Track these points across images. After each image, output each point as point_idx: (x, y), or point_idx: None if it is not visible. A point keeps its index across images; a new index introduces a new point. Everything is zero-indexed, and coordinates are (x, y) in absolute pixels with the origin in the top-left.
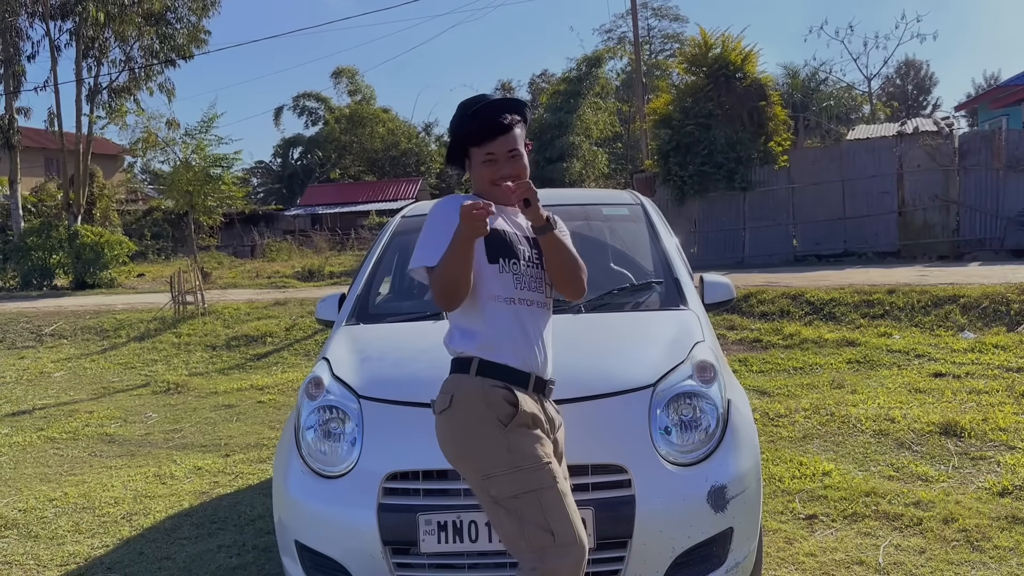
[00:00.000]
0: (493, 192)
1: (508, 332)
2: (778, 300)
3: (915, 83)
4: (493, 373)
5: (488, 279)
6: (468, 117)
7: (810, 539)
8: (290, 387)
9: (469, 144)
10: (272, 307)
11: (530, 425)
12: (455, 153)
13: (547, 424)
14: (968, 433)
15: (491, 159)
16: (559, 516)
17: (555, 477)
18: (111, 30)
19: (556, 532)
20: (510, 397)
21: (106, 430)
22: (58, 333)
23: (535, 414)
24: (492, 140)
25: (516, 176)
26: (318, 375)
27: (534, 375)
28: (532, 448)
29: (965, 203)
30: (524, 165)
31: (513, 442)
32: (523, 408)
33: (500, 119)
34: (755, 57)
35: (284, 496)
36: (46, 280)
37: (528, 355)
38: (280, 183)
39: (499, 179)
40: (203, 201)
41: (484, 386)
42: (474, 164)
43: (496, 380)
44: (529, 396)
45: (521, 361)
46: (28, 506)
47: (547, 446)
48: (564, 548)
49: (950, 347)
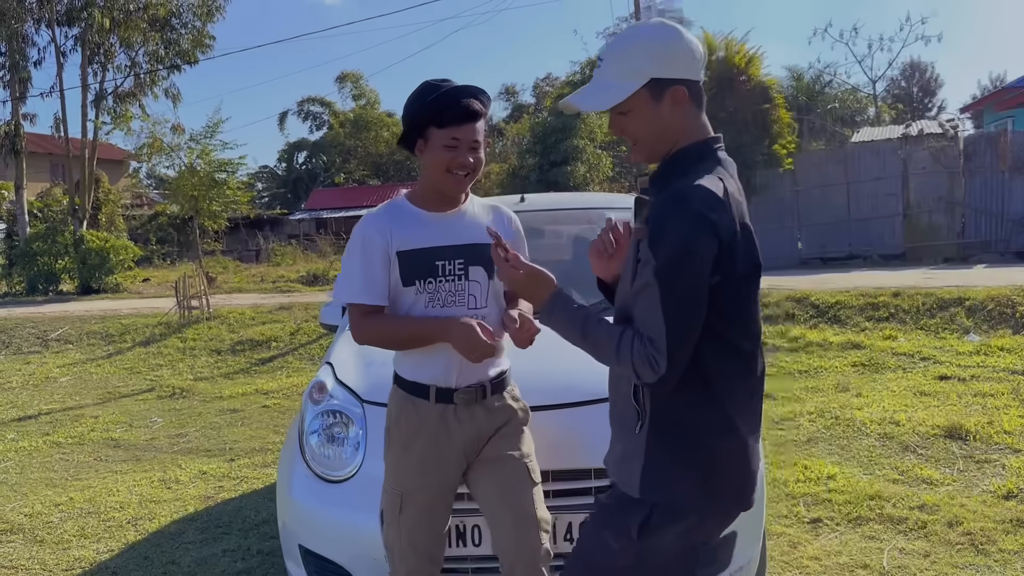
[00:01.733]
0: (445, 179)
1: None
2: (783, 303)
3: (920, 85)
4: (399, 383)
5: (402, 301)
6: (438, 97)
7: (815, 543)
8: (295, 391)
9: (432, 124)
10: (277, 312)
11: (405, 445)
12: (414, 131)
13: (451, 441)
14: (973, 436)
15: (454, 144)
16: (391, 546)
17: (399, 507)
18: (116, 36)
19: (389, 557)
20: (407, 410)
21: (111, 435)
22: (64, 338)
23: (424, 433)
24: (459, 125)
25: (474, 168)
26: (322, 379)
27: (434, 386)
28: (394, 469)
29: (970, 205)
30: (482, 159)
31: (388, 456)
32: (403, 426)
33: (472, 105)
34: (759, 60)
35: (288, 500)
36: (52, 285)
37: (429, 366)
38: (285, 187)
39: (456, 167)
40: (208, 206)
41: (393, 395)
42: (431, 146)
43: (400, 390)
44: (431, 409)
45: (417, 371)
46: (34, 511)
47: (419, 471)
48: (392, 572)
49: (955, 350)
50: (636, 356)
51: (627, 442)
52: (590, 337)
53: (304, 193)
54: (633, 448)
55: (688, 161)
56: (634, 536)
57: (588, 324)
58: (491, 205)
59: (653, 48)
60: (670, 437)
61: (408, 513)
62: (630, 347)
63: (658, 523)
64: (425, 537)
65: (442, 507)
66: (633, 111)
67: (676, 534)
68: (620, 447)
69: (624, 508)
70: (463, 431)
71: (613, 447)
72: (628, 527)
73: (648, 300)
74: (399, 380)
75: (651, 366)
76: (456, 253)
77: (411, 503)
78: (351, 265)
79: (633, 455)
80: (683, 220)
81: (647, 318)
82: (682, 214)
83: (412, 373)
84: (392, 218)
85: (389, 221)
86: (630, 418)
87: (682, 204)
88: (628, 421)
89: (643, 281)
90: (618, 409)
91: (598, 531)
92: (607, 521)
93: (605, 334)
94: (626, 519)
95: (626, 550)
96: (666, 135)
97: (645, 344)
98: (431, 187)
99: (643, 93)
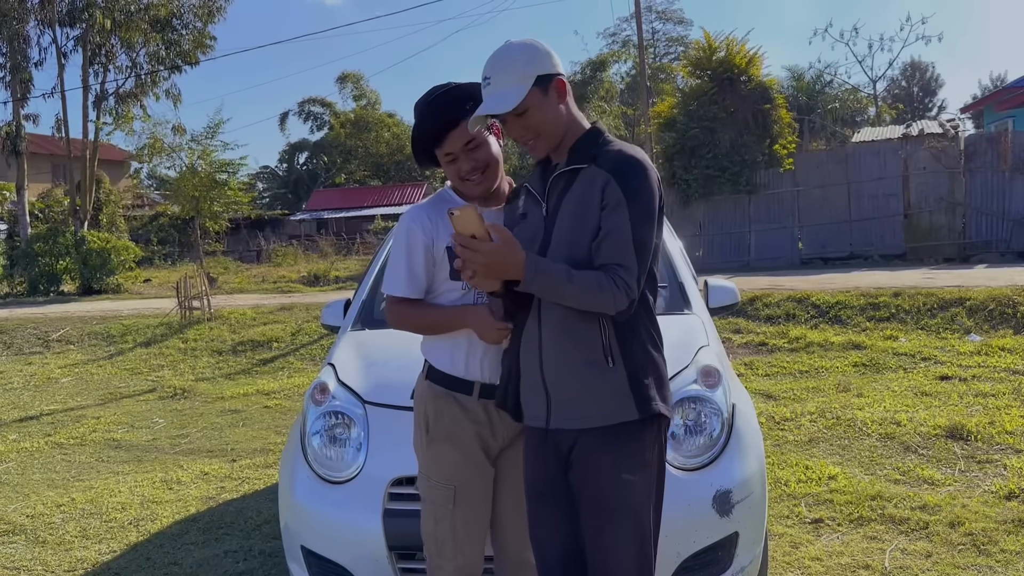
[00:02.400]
0: (465, 187)
1: (452, 338)
2: (784, 303)
3: (920, 85)
4: (438, 379)
5: (445, 295)
6: (418, 121)
7: (816, 543)
8: (296, 392)
9: (431, 146)
10: (278, 312)
11: (448, 439)
12: (421, 157)
13: (495, 435)
14: (975, 436)
15: (451, 158)
16: (442, 538)
17: (452, 501)
18: (118, 37)
19: (437, 552)
20: (446, 405)
21: (113, 436)
22: (65, 339)
23: (466, 427)
24: (445, 139)
25: (483, 166)
26: (324, 381)
27: (478, 383)
28: (439, 463)
29: (971, 205)
30: (489, 153)
31: (430, 451)
32: (445, 421)
33: (443, 116)
34: (759, 60)
35: (290, 501)
36: (53, 286)
37: (473, 361)
38: (286, 188)
39: (465, 175)
40: (209, 206)
41: (429, 390)
42: (441, 162)
43: (439, 386)
44: (476, 404)
45: (463, 368)
46: (36, 512)
47: (465, 464)
48: (433, 569)
49: (956, 350)
50: (613, 286)
51: (603, 380)
52: (576, 282)
53: (305, 194)
54: (614, 381)
55: (601, 134)
56: (650, 459)
57: (570, 272)
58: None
59: (529, 55)
60: (637, 360)
61: (463, 505)
62: (610, 281)
63: (656, 433)
64: (478, 528)
65: (488, 500)
66: (531, 108)
67: (663, 438)
68: (595, 388)
69: (620, 444)
70: (500, 429)
71: (582, 399)
72: (636, 453)
73: (619, 237)
74: (436, 375)
75: (625, 291)
76: None
77: (465, 495)
78: (396, 259)
79: (617, 387)
80: (649, 173)
81: (618, 254)
82: (647, 169)
83: (455, 368)
84: (439, 211)
85: (435, 214)
86: (599, 359)
87: (644, 161)
88: (598, 362)
89: (613, 222)
90: (582, 359)
91: (614, 483)
92: (613, 468)
93: (585, 275)
94: (630, 450)
95: (646, 473)
96: (560, 120)
97: (618, 273)
98: (460, 191)
99: (535, 91)
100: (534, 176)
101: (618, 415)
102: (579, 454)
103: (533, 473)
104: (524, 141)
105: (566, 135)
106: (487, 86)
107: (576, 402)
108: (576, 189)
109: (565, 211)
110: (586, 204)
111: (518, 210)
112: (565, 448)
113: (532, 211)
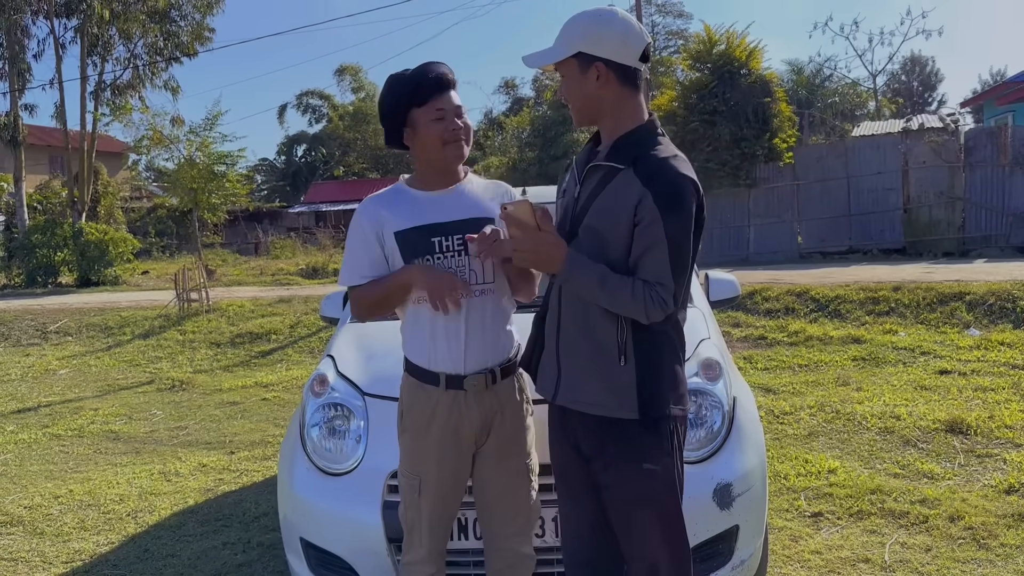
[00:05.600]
0: (442, 153)
1: (420, 331)
2: (783, 297)
3: (920, 79)
4: (411, 371)
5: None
6: (408, 80)
7: (816, 537)
8: (294, 384)
9: (413, 106)
10: (276, 304)
11: (418, 431)
12: (396, 122)
13: (467, 422)
14: (974, 431)
15: (440, 116)
16: (411, 527)
17: (418, 490)
18: (116, 27)
19: (407, 537)
20: (419, 396)
21: (111, 427)
22: (63, 330)
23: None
24: (440, 95)
25: (466, 132)
26: (323, 372)
27: (443, 374)
28: (407, 454)
29: (971, 200)
30: (470, 124)
31: (400, 441)
32: (416, 412)
33: (444, 74)
34: (760, 53)
35: (289, 493)
36: (51, 278)
37: (438, 353)
38: (284, 180)
39: (450, 136)
40: (207, 198)
41: (405, 382)
42: (420, 128)
43: (412, 378)
44: (445, 395)
45: (428, 359)
46: (34, 503)
47: (436, 456)
48: (405, 550)
49: (956, 344)
50: (648, 300)
51: (612, 377)
52: (608, 286)
53: (303, 186)
54: (623, 380)
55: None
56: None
57: (605, 277)
58: (492, 182)
59: (586, 28)
60: (650, 365)
61: (427, 496)
62: (643, 293)
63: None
64: (440, 519)
65: (455, 493)
66: (567, 77)
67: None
68: (602, 381)
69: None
70: (472, 417)
71: (588, 385)
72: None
73: (657, 254)
74: (409, 366)
75: (661, 307)
76: (454, 228)
77: (428, 487)
78: (350, 252)
79: (625, 386)
80: (686, 191)
81: (655, 269)
82: (684, 186)
83: (422, 360)
84: (387, 202)
85: (382, 206)
86: (612, 355)
87: (683, 177)
88: (610, 358)
89: (650, 240)
90: (595, 351)
91: (633, 474)
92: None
93: (620, 283)
94: (645, 442)
95: (666, 462)
96: (591, 103)
97: (655, 290)
98: (429, 167)
99: (572, 63)
100: (582, 153)
101: (620, 412)
102: (589, 446)
103: (554, 457)
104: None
105: (605, 119)
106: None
107: (583, 388)
108: (610, 192)
109: (596, 210)
110: (618, 213)
111: (563, 183)
112: (574, 434)
113: (569, 190)
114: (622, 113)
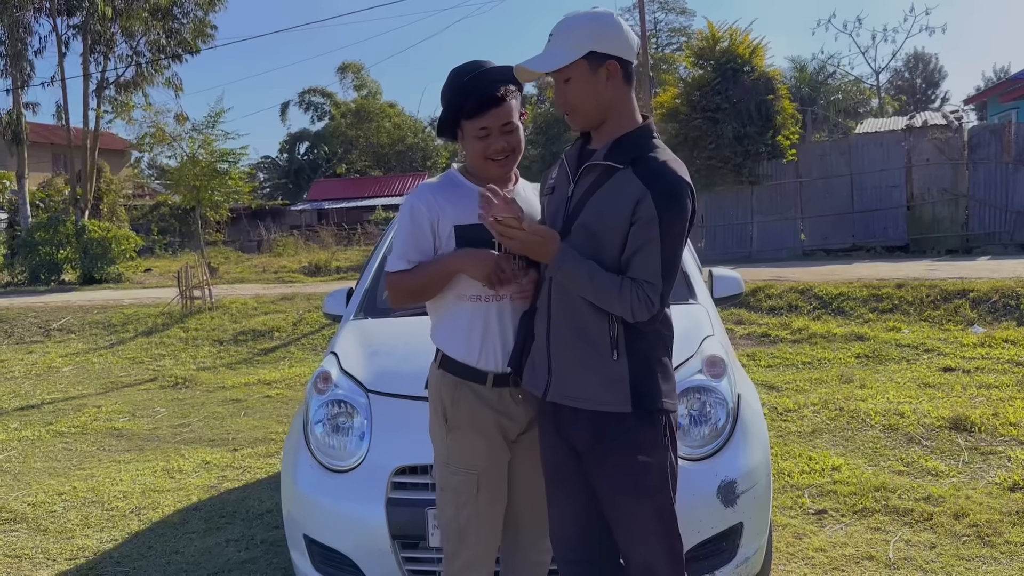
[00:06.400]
0: (485, 167)
1: (467, 329)
2: (786, 295)
3: (924, 76)
4: (451, 368)
5: (456, 277)
6: (460, 88)
7: (820, 534)
8: (298, 382)
9: (461, 117)
10: (279, 302)
11: (469, 426)
12: (447, 124)
13: (512, 419)
14: (978, 428)
15: (484, 134)
16: (464, 524)
17: (476, 486)
18: (118, 25)
19: (458, 540)
20: (463, 393)
21: (114, 424)
22: (66, 328)
23: (484, 414)
24: (485, 113)
25: (511, 150)
26: (326, 369)
27: (492, 373)
28: (461, 450)
29: (974, 197)
30: (519, 139)
31: (451, 439)
32: (463, 408)
33: (494, 91)
34: (763, 50)
35: (293, 490)
36: (54, 275)
37: (487, 352)
38: (286, 178)
39: (492, 154)
40: (210, 196)
41: (443, 379)
42: (467, 137)
43: (453, 375)
44: (491, 392)
45: (476, 358)
46: (37, 500)
47: (487, 450)
48: (451, 557)
49: (959, 341)
50: (635, 298)
51: (604, 371)
52: (596, 282)
53: (306, 184)
54: (615, 375)
55: (648, 137)
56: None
57: (594, 271)
58: (535, 186)
59: (593, 28)
60: (642, 359)
61: (486, 491)
62: (631, 291)
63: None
64: (499, 515)
65: (504, 487)
66: (573, 79)
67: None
68: (595, 376)
69: (631, 430)
70: (519, 415)
71: (581, 380)
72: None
73: (650, 253)
74: (449, 363)
75: (647, 306)
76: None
77: (487, 481)
78: (401, 236)
79: (617, 381)
80: (685, 194)
81: (646, 268)
82: (684, 189)
83: (469, 358)
84: (445, 192)
85: (441, 195)
86: (604, 350)
87: (682, 180)
88: (602, 353)
89: (645, 238)
90: (587, 346)
91: (628, 467)
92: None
93: (608, 280)
94: (639, 436)
95: (660, 455)
96: (600, 103)
97: (644, 288)
98: (477, 170)
99: (583, 63)
100: (572, 150)
101: (614, 406)
102: (582, 441)
103: (544, 453)
104: (562, 110)
105: (607, 120)
106: (548, 42)
107: (575, 383)
108: (607, 190)
109: (592, 207)
110: (615, 210)
111: (550, 180)
112: (566, 430)
113: (560, 187)
114: (623, 112)
